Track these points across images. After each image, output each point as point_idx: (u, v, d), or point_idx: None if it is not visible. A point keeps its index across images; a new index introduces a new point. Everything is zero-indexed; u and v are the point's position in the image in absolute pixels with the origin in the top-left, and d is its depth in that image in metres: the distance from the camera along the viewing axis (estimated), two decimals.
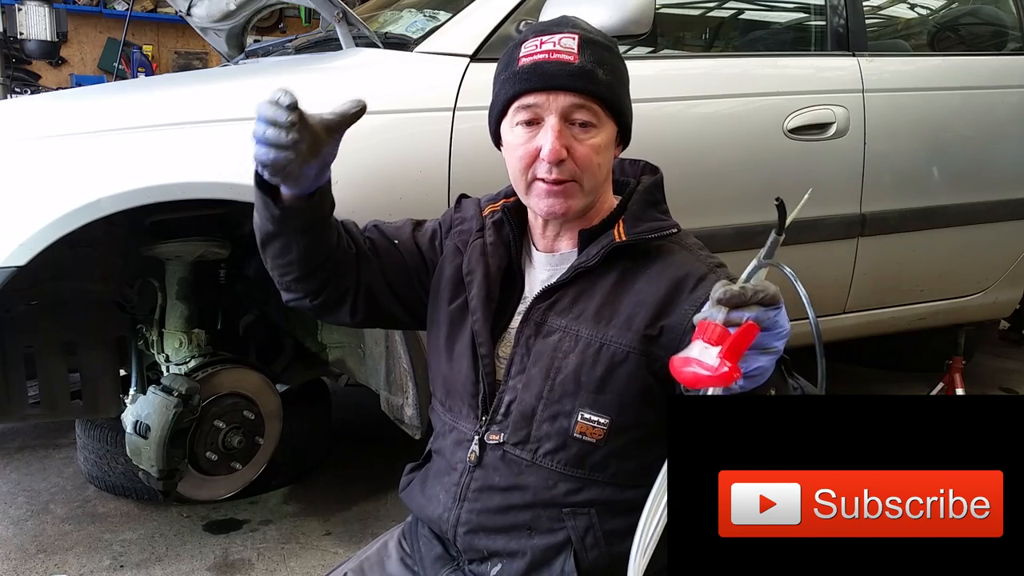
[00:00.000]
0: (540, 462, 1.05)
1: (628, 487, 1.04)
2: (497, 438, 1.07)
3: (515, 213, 1.17)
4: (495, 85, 1.10)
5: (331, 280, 1.15)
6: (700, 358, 0.73)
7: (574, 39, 1.04)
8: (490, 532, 1.07)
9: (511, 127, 1.08)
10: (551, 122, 1.03)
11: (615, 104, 1.06)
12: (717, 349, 0.72)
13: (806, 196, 0.87)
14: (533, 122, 1.05)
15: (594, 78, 1.03)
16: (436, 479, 1.14)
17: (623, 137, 1.11)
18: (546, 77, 1.03)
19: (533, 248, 1.16)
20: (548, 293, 1.09)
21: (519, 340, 1.08)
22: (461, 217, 1.22)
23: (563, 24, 1.08)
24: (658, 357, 1.01)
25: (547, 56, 1.03)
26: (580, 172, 1.05)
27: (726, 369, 0.71)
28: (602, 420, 1.03)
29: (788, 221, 0.80)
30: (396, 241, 1.22)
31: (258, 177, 1.03)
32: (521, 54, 1.05)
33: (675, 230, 1.09)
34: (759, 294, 0.75)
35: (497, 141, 1.14)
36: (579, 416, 1.03)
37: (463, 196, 1.26)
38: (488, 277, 1.12)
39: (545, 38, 1.05)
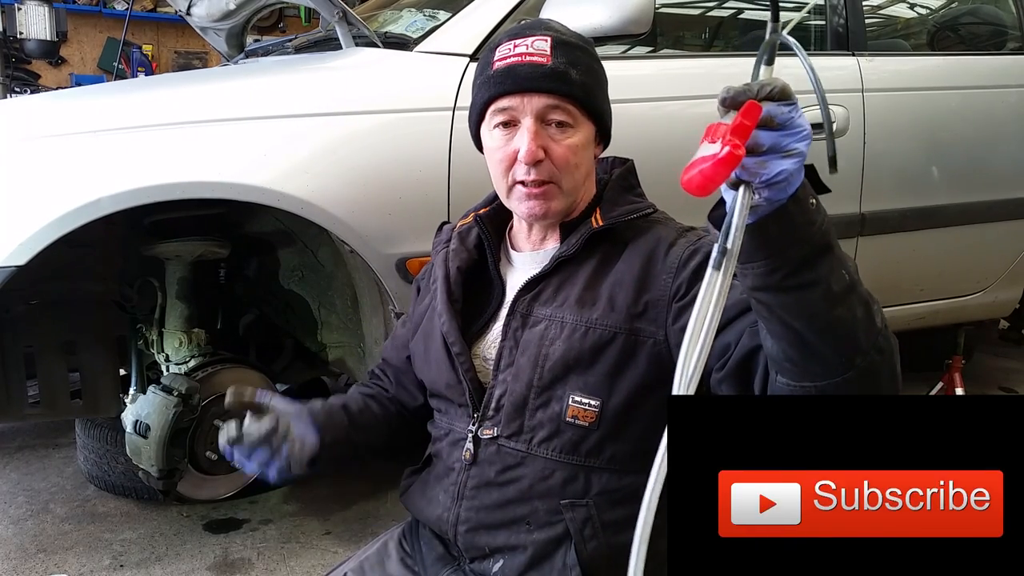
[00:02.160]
0: (536, 452, 1.05)
1: (626, 473, 1.04)
2: (491, 432, 1.07)
3: (489, 221, 1.18)
4: (472, 90, 1.12)
5: (409, 435, 1.25)
6: (702, 154, 0.67)
7: (547, 41, 1.05)
8: (490, 528, 1.07)
9: (489, 131, 1.09)
10: (527, 123, 1.04)
11: (590, 104, 1.07)
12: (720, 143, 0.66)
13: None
14: (510, 124, 1.06)
15: (567, 79, 1.04)
16: (435, 481, 1.14)
17: (603, 137, 1.13)
18: (519, 80, 1.04)
19: (512, 252, 1.17)
20: (531, 284, 1.10)
21: (507, 334, 1.09)
22: (438, 240, 1.25)
23: (536, 27, 1.09)
24: (648, 334, 1.02)
25: (520, 59, 1.05)
26: (558, 172, 1.06)
27: (727, 150, 0.65)
28: (593, 402, 1.03)
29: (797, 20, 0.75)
30: (407, 344, 1.26)
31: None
32: (495, 58, 1.07)
33: (651, 210, 1.11)
34: (766, 88, 0.68)
35: (479, 145, 1.15)
36: (570, 399, 1.03)
37: (444, 223, 1.30)
38: (448, 279, 1.14)
39: (518, 41, 1.06)
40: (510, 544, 1.06)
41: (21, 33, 4.38)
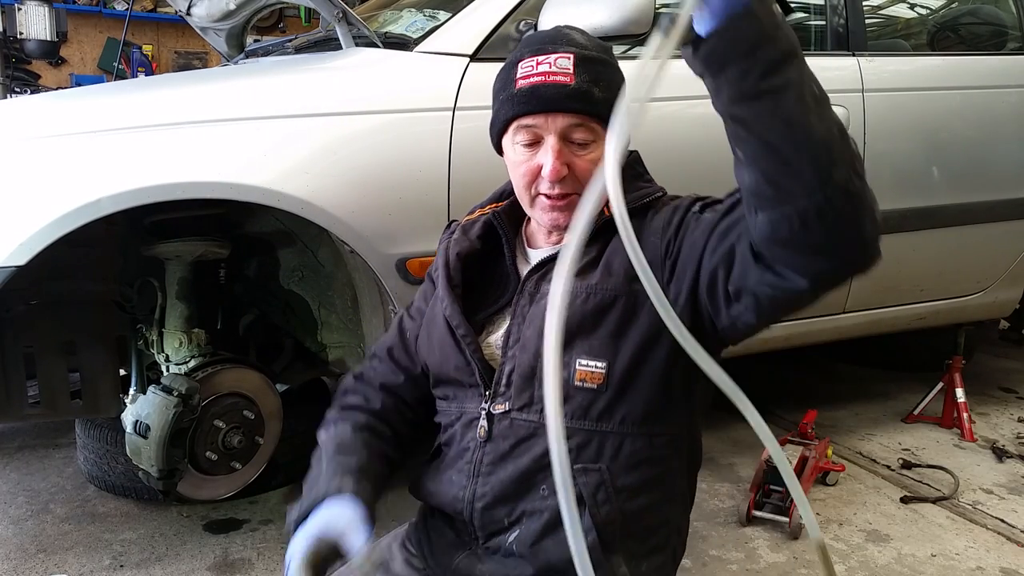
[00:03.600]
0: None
1: (637, 436, 1.07)
2: (503, 407, 1.09)
3: (507, 216, 1.20)
4: (495, 102, 1.13)
5: (422, 428, 1.25)
6: None
7: (569, 59, 1.06)
8: (506, 501, 1.08)
9: (512, 144, 1.11)
10: (550, 142, 1.06)
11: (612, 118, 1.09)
12: None
13: None
14: (533, 142, 1.08)
15: (591, 98, 1.06)
16: (448, 465, 1.15)
17: None
18: (543, 100, 1.05)
19: (528, 249, 1.19)
20: (540, 266, 1.13)
21: (515, 313, 1.12)
22: (444, 236, 1.27)
23: (558, 41, 1.09)
24: (646, 295, 1.04)
25: (544, 79, 1.06)
26: (582, 186, 1.07)
27: None
28: (599, 364, 1.05)
29: None
30: (407, 333, 1.27)
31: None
32: (518, 75, 1.08)
33: (660, 194, 1.15)
34: None
35: (499, 150, 1.18)
36: (577, 364, 1.05)
37: (453, 221, 1.31)
38: (448, 265, 1.17)
39: (541, 58, 1.07)
40: (528, 511, 1.07)
41: (21, 33, 4.38)
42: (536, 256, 1.17)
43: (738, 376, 0.77)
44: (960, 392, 2.78)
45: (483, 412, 1.10)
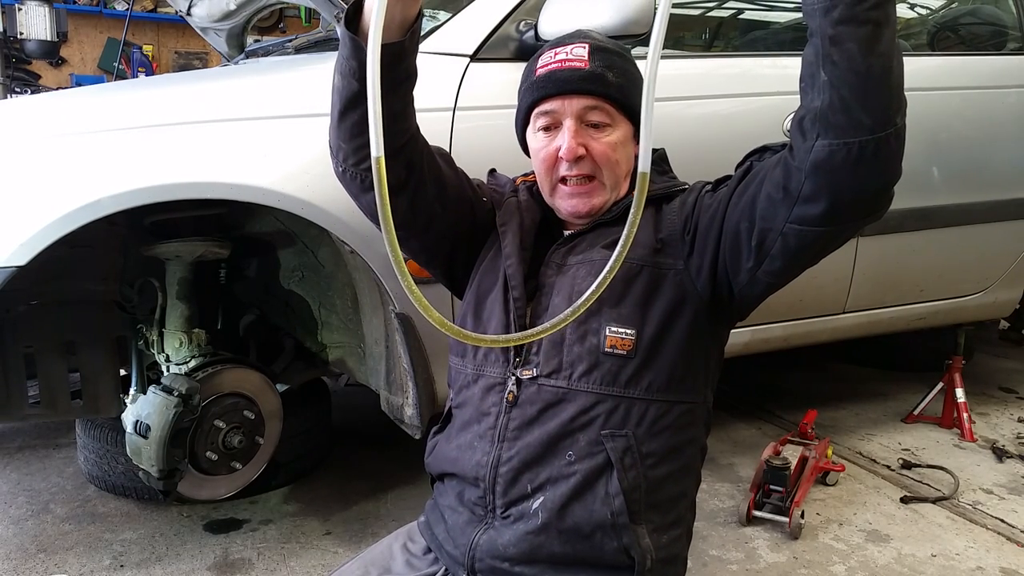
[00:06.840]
0: (576, 386, 1.10)
1: (662, 403, 1.11)
2: (530, 373, 1.12)
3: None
4: (518, 97, 1.20)
5: (407, 164, 1.14)
6: None
7: (585, 48, 1.14)
8: (532, 465, 1.10)
9: (534, 133, 1.18)
10: (568, 124, 1.13)
11: (627, 103, 1.15)
12: None
13: None
14: (552, 127, 1.15)
15: (604, 80, 1.12)
16: (465, 429, 1.17)
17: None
18: (559, 83, 1.13)
19: (563, 232, 1.25)
20: (568, 240, 1.19)
21: (542, 283, 1.17)
22: (495, 182, 1.32)
23: (576, 36, 1.18)
24: (668, 266, 1.12)
25: (560, 65, 1.13)
26: (599, 168, 1.14)
27: None
28: (629, 331, 1.10)
29: None
30: (477, 190, 1.30)
31: (350, 16, 1.02)
32: (538, 66, 1.16)
33: (685, 186, 1.22)
34: None
35: (526, 148, 1.24)
36: (607, 331, 1.10)
37: (494, 170, 1.37)
38: (522, 228, 1.21)
39: (558, 49, 1.15)
40: (552, 477, 1.09)
41: (21, 33, 4.39)
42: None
43: (739, 375, 0.77)
44: (960, 392, 2.78)
45: (512, 377, 1.12)
